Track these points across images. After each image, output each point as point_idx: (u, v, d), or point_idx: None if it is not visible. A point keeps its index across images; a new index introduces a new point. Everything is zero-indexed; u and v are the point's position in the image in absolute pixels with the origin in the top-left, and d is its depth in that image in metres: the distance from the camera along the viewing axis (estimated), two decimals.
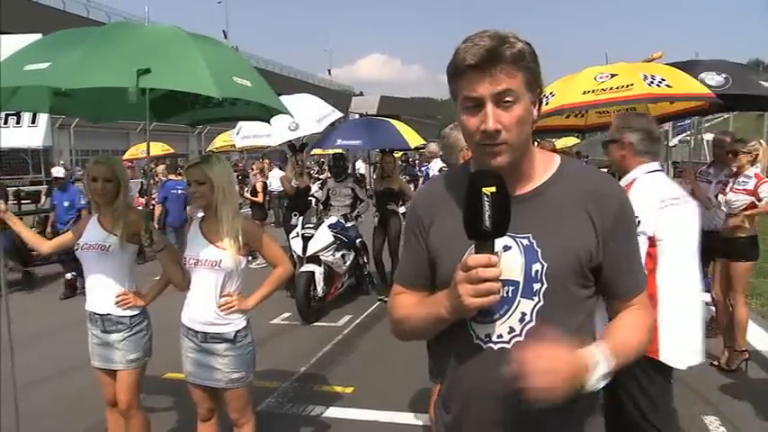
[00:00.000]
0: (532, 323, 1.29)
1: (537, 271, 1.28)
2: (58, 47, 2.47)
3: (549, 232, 1.30)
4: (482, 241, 1.19)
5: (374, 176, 8.39)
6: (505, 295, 1.28)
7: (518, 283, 1.29)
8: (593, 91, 4.01)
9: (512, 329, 1.30)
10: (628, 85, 3.91)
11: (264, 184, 10.19)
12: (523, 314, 1.30)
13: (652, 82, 3.91)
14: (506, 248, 1.29)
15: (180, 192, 8.20)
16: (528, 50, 1.25)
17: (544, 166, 1.38)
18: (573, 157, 2.26)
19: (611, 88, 3.95)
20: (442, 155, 3.14)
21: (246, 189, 10.25)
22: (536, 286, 1.28)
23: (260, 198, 9.99)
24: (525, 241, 1.30)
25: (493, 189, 1.17)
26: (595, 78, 4.10)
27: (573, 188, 1.34)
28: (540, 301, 1.29)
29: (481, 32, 1.25)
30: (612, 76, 4.06)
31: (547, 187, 1.34)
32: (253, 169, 10.60)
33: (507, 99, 1.23)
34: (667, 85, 3.93)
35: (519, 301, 1.30)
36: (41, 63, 2.29)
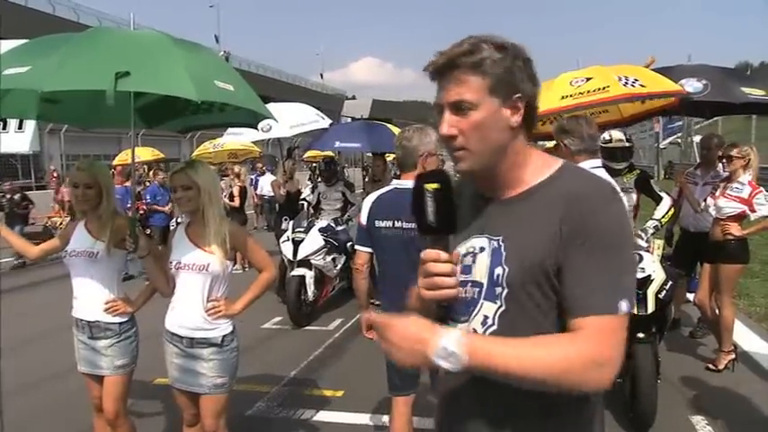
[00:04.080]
0: (494, 327, 1.26)
1: (498, 275, 1.26)
2: (39, 51, 2.47)
3: (518, 236, 1.26)
4: (435, 237, 1.26)
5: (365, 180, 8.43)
6: (471, 296, 1.30)
7: (482, 285, 1.29)
8: (571, 95, 4.11)
9: (475, 331, 1.29)
10: (604, 87, 4.01)
11: (241, 188, 10.18)
12: (486, 317, 1.28)
13: (626, 83, 4.01)
14: (481, 250, 1.30)
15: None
16: (491, 57, 1.22)
17: (539, 170, 1.31)
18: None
19: (588, 91, 4.04)
20: (397, 157, 2.94)
21: (224, 194, 10.25)
22: (498, 290, 1.26)
23: (236, 202, 9.99)
24: (496, 244, 1.29)
25: (435, 186, 1.24)
26: (570, 83, 4.21)
27: (556, 193, 1.26)
28: (502, 305, 1.26)
29: (463, 39, 1.27)
30: (588, 79, 4.17)
31: (533, 192, 1.29)
32: (229, 174, 10.55)
33: (464, 106, 1.24)
34: (641, 85, 4.04)
35: (482, 303, 1.29)
36: (21, 67, 2.28)
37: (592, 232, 1.18)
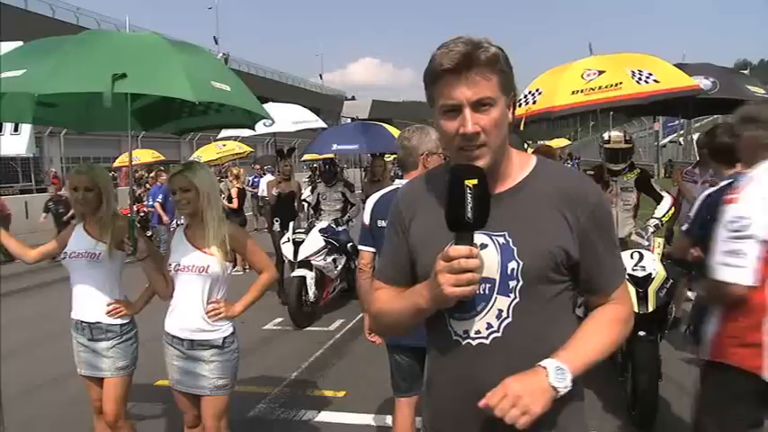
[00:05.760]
0: (509, 319, 1.32)
1: (513, 269, 1.31)
2: (35, 54, 2.47)
3: (525, 231, 1.32)
4: (462, 233, 1.22)
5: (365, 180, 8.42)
6: (482, 292, 1.31)
7: (494, 280, 1.32)
8: (581, 91, 3.94)
9: (489, 325, 1.33)
10: (616, 84, 3.85)
11: (239, 189, 10.18)
12: (500, 311, 1.32)
13: (640, 78, 3.86)
14: (483, 246, 1.30)
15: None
16: (501, 55, 1.29)
17: (520, 165, 1.40)
18: (554, 158, 1.97)
19: (599, 87, 3.89)
20: (398, 157, 3.00)
21: (222, 195, 10.30)
22: (512, 284, 1.32)
23: (235, 204, 9.99)
24: (501, 239, 1.32)
25: (475, 181, 1.20)
26: (582, 76, 4.03)
27: (548, 187, 1.36)
28: (516, 297, 1.32)
29: (455, 39, 1.29)
30: (600, 73, 3.99)
31: (522, 186, 1.37)
32: (228, 175, 10.55)
33: (485, 103, 1.26)
34: (655, 80, 3.88)
35: (496, 298, 1.33)
36: (16, 71, 2.28)
37: (603, 223, 1.39)
